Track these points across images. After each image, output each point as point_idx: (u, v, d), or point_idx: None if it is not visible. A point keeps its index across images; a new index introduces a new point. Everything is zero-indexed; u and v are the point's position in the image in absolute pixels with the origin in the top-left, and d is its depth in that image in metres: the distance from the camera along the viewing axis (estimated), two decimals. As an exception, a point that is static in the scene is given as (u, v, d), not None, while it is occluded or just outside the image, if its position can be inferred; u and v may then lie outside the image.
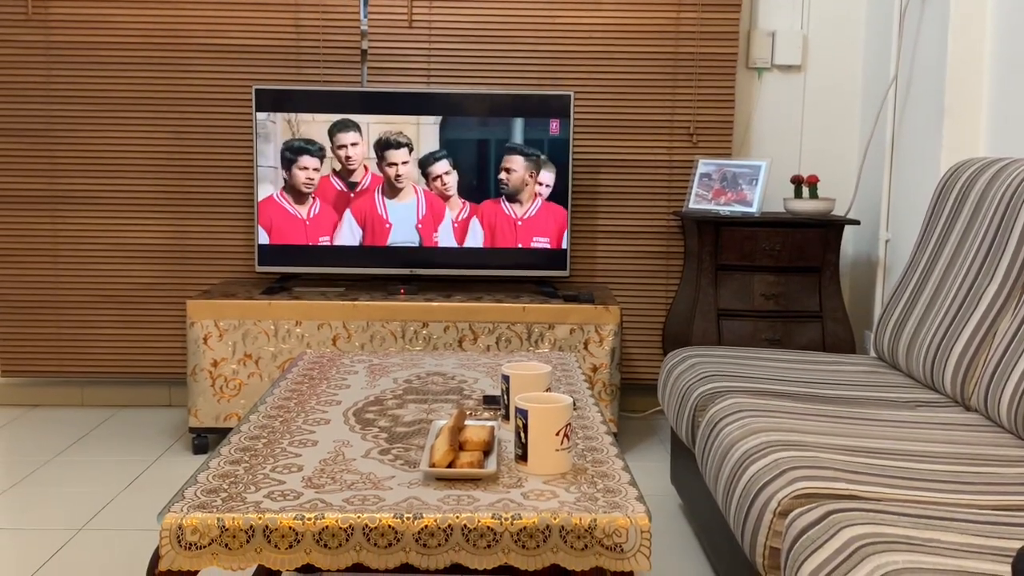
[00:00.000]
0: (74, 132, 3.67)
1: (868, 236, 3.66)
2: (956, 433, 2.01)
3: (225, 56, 3.63)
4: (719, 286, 3.35)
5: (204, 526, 1.40)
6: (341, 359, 2.43)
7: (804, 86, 3.78)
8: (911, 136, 3.30)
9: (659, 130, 3.69)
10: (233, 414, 3.26)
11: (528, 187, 3.44)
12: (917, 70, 3.25)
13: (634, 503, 1.46)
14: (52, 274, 3.72)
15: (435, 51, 3.65)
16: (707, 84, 3.66)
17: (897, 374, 2.55)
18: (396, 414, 1.93)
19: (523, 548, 1.41)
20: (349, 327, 3.24)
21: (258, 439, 1.75)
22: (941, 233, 2.55)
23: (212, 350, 3.23)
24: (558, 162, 3.43)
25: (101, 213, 3.70)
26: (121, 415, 3.74)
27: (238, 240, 3.72)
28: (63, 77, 3.64)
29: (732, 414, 2.10)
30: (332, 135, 3.41)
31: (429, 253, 3.47)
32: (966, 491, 1.68)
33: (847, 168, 3.81)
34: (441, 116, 3.41)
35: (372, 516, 1.40)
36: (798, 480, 1.69)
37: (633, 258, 3.75)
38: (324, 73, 3.65)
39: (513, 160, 3.44)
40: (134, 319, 3.74)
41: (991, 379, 2.09)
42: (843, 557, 1.41)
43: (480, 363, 2.41)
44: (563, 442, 1.59)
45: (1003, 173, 2.36)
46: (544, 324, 3.25)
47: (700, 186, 3.54)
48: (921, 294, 2.52)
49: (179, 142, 3.68)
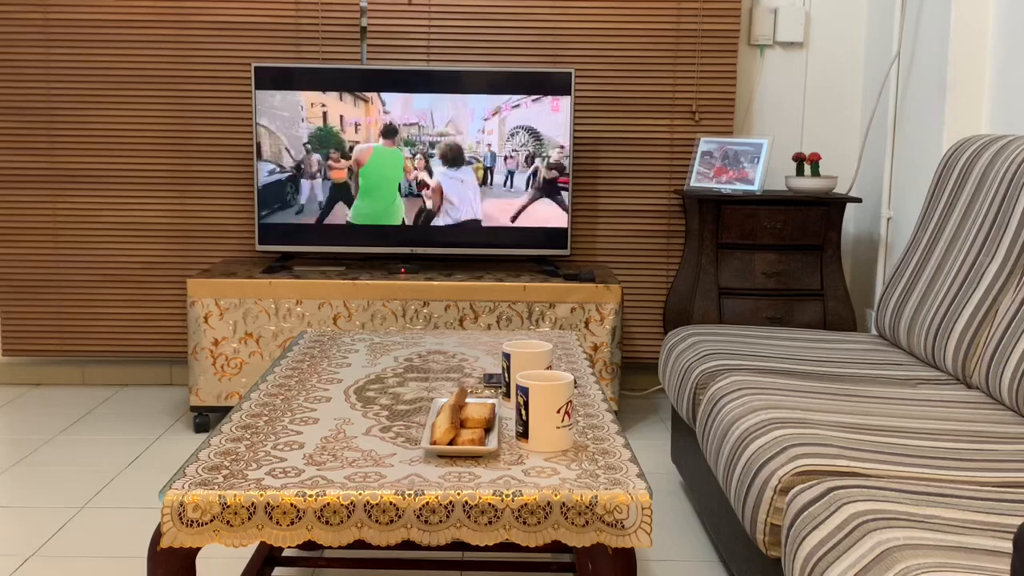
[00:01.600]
0: (73, 110, 3.65)
1: (870, 214, 3.65)
2: (957, 411, 2.01)
3: (224, 33, 3.61)
4: (720, 264, 3.35)
5: (205, 503, 1.40)
6: (342, 338, 2.43)
7: (806, 63, 3.76)
8: (913, 113, 3.28)
9: (660, 108, 3.67)
10: (234, 393, 3.26)
11: (529, 166, 3.43)
12: (920, 47, 3.24)
13: (635, 480, 1.46)
14: (52, 254, 3.71)
15: (435, 28, 3.63)
16: (709, 61, 3.65)
17: (898, 352, 2.55)
18: (397, 392, 1.93)
19: (524, 524, 1.41)
20: (350, 306, 3.24)
21: (259, 417, 1.75)
22: (943, 211, 2.54)
23: (213, 329, 3.23)
24: (559, 140, 3.42)
25: (101, 192, 3.69)
26: (122, 394, 3.74)
27: (238, 219, 3.72)
28: (62, 55, 3.62)
29: (733, 392, 2.10)
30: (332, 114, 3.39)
31: (430, 232, 3.46)
32: (967, 468, 1.68)
33: (849, 146, 3.80)
34: (441, 94, 3.40)
35: (373, 493, 1.40)
36: (799, 457, 1.69)
37: (634, 237, 3.74)
38: (323, 51, 3.63)
39: (514, 139, 3.42)
40: (135, 298, 3.74)
41: (992, 357, 2.09)
42: (844, 533, 1.41)
43: (481, 342, 2.41)
44: (564, 419, 1.59)
45: (1005, 151, 2.35)
46: (545, 303, 3.25)
47: (701, 164, 3.53)
48: (923, 272, 2.51)
49: (179, 120, 3.66)
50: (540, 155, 3.43)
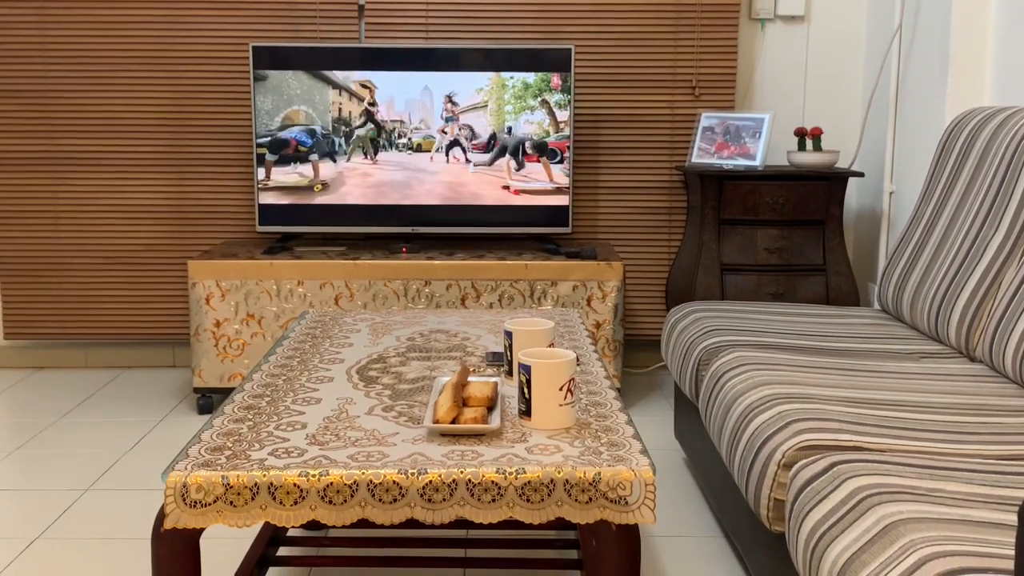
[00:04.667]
0: (71, 93, 3.64)
1: (872, 188, 3.63)
2: (961, 384, 2.01)
3: (221, 13, 3.59)
4: (722, 240, 3.34)
5: (209, 484, 1.40)
6: (344, 318, 2.42)
7: (807, 37, 3.74)
8: (915, 86, 3.26)
9: (661, 83, 3.65)
10: (237, 374, 3.26)
11: (529, 143, 3.41)
12: (921, 19, 3.21)
13: (638, 456, 1.46)
14: (53, 237, 3.71)
15: (433, 5, 3.60)
16: (709, 36, 3.62)
17: (901, 326, 2.54)
18: (399, 371, 1.93)
19: (527, 502, 1.41)
20: (351, 286, 3.23)
21: (262, 397, 1.75)
22: (945, 184, 2.53)
23: (214, 310, 3.23)
24: (559, 117, 3.40)
25: (100, 174, 3.68)
26: (125, 376, 3.75)
27: (238, 200, 3.70)
28: (58, 37, 3.60)
29: (736, 368, 2.10)
30: (333, 92, 3.37)
31: (431, 211, 3.45)
32: (970, 441, 1.68)
33: (851, 120, 3.78)
34: (441, 72, 3.38)
35: (376, 472, 1.40)
36: (802, 432, 1.69)
37: (636, 213, 3.73)
38: (321, 29, 3.61)
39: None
40: (136, 280, 3.73)
41: (996, 330, 2.08)
42: (848, 508, 1.41)
43: (483, 320, 2.41)
44: (566, 397, 1.58)
45: (1008, 123, 2.33)
46: (547, 281, 3.24)
47: (703, 140, 3.51)
48: (925, 246, 2.50)
49: (177, 101, 3.65)
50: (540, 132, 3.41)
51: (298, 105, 3.37)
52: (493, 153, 3.40)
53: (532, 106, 3.38)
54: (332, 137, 3.40)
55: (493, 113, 3.39)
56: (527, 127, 3.39)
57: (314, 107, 3.38)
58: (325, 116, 3.39)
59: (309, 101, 3.37)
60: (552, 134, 3.39)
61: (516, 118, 3.38)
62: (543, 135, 3.39)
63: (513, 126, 3.39)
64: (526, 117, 3.38)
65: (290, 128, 3.38)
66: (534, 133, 3.39)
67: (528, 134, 3.39)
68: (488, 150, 3.41)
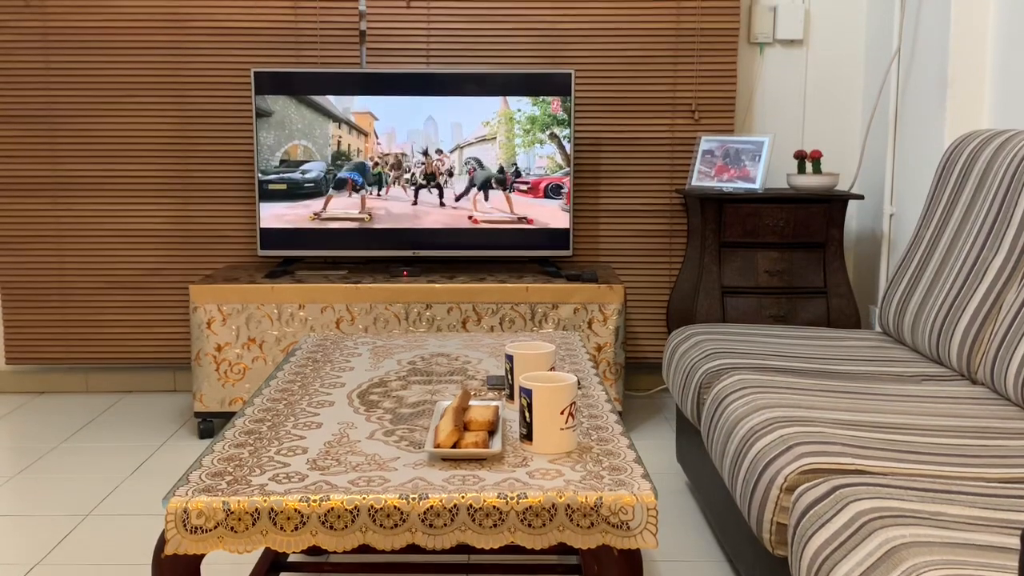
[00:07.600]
0: (74, 118, 3.65)
1: (872, 211, 3.64)
2: (962, 407, 2.00)
3: (223, 39, 3.61)
4: (723, 263, 3.34)
5: (209, 509, 1.39)
6: (345, 341, 2.42)
7: (806, 61, 3.76)
8: (914, 109, 3.27)
9: (661, 107, 3.67)
10: (238, 398, 3.26)
11: (530, 167, 3.43)
12: (920, 42, 3.23)
13: (640, 481, 1.46)
14: (55, 261, 3.71)
15: (434, 30, 3.62)
16: (709, 60, 3.64)
17: (902, 348, 2.54)
18: (400, 395, 1.93)
19: (529, 527, 1.41)
20: (352, 310, 3.23)
21: (262, 422, 1.75)
22: (945, 206, 2.54)
23: (216, 335, 3.23)
24: (559, 141, 3.42)
25: (103, 199, 3.69)
26: (126, 401, 3.74)
27: (240, 224, 3.71)
28: (62, 63, 3.62)
29: (737, 391, 2.09)
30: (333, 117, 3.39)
31: (431, 234, 3.46)
32: (973, 464, 1.67)
33: (850, 143, 3.79)
34: (441, 96, 3.39)
35: (378, 497, 1.40)
36: (804, 456, 1.68)
37: (636, 236, 3.74)
38: (322, 55, 3.63)
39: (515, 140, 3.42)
40: (137, 305, 3.74)
41: (997, 352, 2.08)
42: (850, 532, 1.41)
43: (484, 344, 2.41)
44: (568, 421, 1.58)
45: (1007, 146, 2.34)
46: (548, 304, 3.24)
47: (703, 163, 3.52)
48: (926, 268, 2.50)
49: (179, 126, 3.66)
50: (541, 156, 3.42)
51: (299, 140, 3.39)
52: (464, 188, 3.41)
53: (541, 139, 3.39)
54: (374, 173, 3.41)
55: (503, 145, 3.40)
56: (539, 161, 3.40)
57: (314, 141, 3.39)
58: (325, 150, 3.40)
59: (309, 135, 3.38)
60: (563, 167, 3.40)
61: (528, 151, 3.40)
62: (554, 169, 3.41)
63: (520, 160, 3.40)
64: (537, 151, 3.40)
65: (344, 167, 3.40)
66: (547, 168, 3.40)
67: (541, 167, 3.40)
68: (467, 188, 3.42)
